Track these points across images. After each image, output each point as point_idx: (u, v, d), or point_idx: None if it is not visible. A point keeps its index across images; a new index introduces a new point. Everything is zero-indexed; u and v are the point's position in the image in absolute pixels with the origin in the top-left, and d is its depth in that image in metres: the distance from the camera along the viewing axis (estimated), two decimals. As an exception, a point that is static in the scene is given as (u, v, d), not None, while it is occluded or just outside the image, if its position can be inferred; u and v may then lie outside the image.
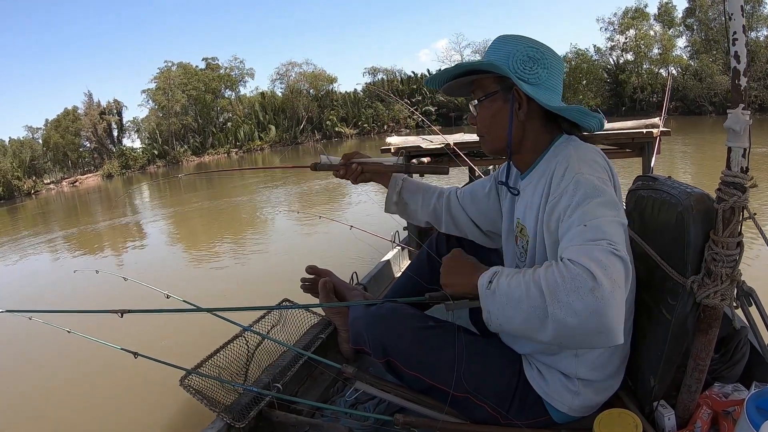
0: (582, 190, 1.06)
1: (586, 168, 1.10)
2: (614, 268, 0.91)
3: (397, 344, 1.46)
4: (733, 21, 0.98)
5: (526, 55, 1.21)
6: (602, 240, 0.96)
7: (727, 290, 1.10)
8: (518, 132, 1.26)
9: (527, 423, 1.34)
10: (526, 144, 1.28)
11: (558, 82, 1.24)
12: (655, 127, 3.12)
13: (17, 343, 4.87)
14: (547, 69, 1.22)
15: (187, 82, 39.97)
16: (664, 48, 33.55)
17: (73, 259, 9.11)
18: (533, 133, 1.26)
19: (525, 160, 1.31)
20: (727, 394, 1.28)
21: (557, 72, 1.24)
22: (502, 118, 1.26)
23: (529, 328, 0.98)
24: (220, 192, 17.07)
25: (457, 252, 1.24)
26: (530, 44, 1.22)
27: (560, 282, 0.92)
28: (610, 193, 1.06)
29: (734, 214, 1.05)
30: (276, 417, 1.65)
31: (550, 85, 1.22)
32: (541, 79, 1.21)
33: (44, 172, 37.19)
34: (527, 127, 1.26)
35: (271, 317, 2.06)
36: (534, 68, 1.21)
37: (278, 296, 2.19)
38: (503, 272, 1.05)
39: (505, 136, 1.26)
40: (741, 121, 1.00)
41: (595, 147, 1.22)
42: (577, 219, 1.02)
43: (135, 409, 3.42)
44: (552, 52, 1.23)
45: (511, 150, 1.29)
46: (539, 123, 1.25)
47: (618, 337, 0.91)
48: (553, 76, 1.23)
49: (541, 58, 1.21)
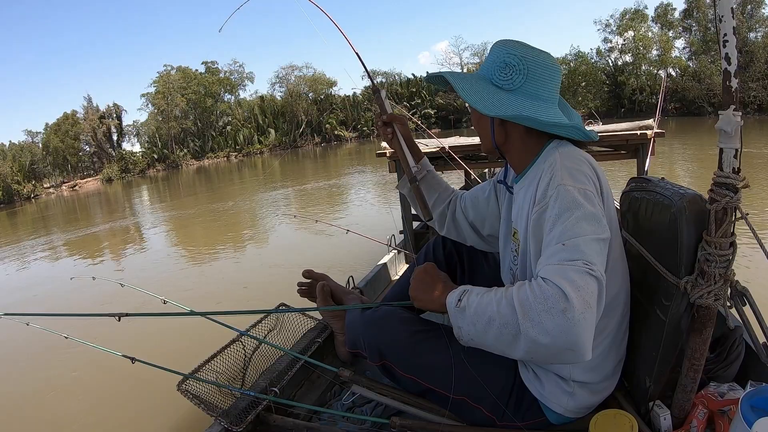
0: (563, 202, 1.06)
1: (568, 179, 1.09)
2: (588, 289, 0.93)
3: (392, 347, 1.46)
4: (723, 23, 0.98)
5: (503, 61, 1.23)
6: (578, 260, 0.97)
7: (720, 290, 1.10)
8: (500, 135, 1.28)
9: (523, 425, 1.34)
10: (511, 147, 1.30)
11: (542, 87, 1.23)
12: (649, 129, 3.12)
13: (14, 350, 4.86)
14: (525, 75, 1.22)
15: (187, 85, 40.11)
16: (663, 49, 33.59)
17: (70, 266, 9.12)
18: (516, 137, 1.27)
19: (516, 162, 1.33)
20: (722, 393, 1.28)
21: (539, 77, 1.23)
22: (486, 122, 1.30)
23: (501, 344, 1.01)
24: (219, 195, 17.10)
25: (429, 266, 1.27)
26: (511, 50, 1.22)
27: (533, 301, 0.95)
28: (591, 206, 1.05)
29: (727, 214, 1.06)
30: (273, 421, 1.65)
31: (527, 91, 1.22)
32: (516, 85, 1.22)
33: (44, 176, 37.35)
34: (508, 131, 1.27)
35: (267, 322, 2.06)
36: (509, 74, 1.22)
37: (275, 301, 2.19)
38: (473, 290, 1.09)
39: (491, 139, 1.30)
40: (732, 123, 1.00)
41: (582, 153, 1.21)
42: (556, 237, 1.02)
43: (132, 414, 3.42)
44: (536, 58, 1.22)
45: (500, 151, 1.32)
46: (521, 128, 1.25)
47: (586, 354, 0.93)
48: (532, 82, 1.22)
49: (517, 64, 1.21)
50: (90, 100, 40.91)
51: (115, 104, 41.99)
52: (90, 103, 40.70)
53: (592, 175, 1.13)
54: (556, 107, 1.26)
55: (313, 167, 25.09)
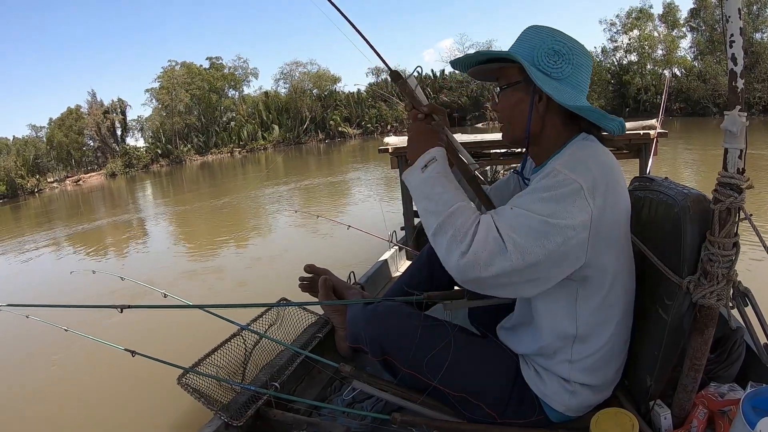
0: (544, 181, 1.09)
1: (565, 167, 1.08)
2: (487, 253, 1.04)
3: (394, 343, 1.46)
4: (730, 23, 0.98)
5: (552, 48, 1.17)
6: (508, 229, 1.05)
7: (723, 290, 1.09)
8: (537, 124, 1.22)
9: (524, 422, 1.34)
10: (544, 138, 1.24)
11: (584, 79, 1.21)
12: (652, 129, 3.10)
13: (14, 342, 4.86)
14: (573, 65, 1.18)
15: (191, 81, 40.11)
16: (668, 49, 33.45)
17: (72, 260, 9.09)
18: (552, 128, 1.22)
19: (541, 153, 1.27)
20: (723, 393, 1.28)
21: (584, 69, 1.20)
22: (523, 109, 1.22)
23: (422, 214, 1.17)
24: (222, 190, 17.12)
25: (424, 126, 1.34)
26: (558, 37, 1.18)
27: (458, 224, 1.08)
28: (565, 193, 1.05)
29: (730, 214, 1.05)
30: (273, 416, 1.65)
31: (574, 82, 1.19)
32: (565, 75, 1.18)
33: (48, 170, 37.39)
34: (546, 121, 1.22)
35: (268, 316, 2.06)
36: (558, 62, 1.17)
37: (276, 295, 2.19)
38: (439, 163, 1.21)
39: (524, 126, 1.23)
40: (738, 123, 1.00)
41: (601, 150, 1.17)
42: (517, 201, 1.11)
43: (132, 408, 3.42)
44: (581, 49, 1.19)
45: (528, 141, 1.26)
46: (559, 119, 1.21)
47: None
48: (579, 73, 1.19)
49: (567, 52, 1.17)
50: (94, 95, 40.97)
51: (119, 99, 41.97)
52: (94, 98, 40.76)
53: (597, 171, 1.09)
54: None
55: (316, 163, 25.10)
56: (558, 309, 1.21)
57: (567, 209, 1.04)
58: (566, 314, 1.21)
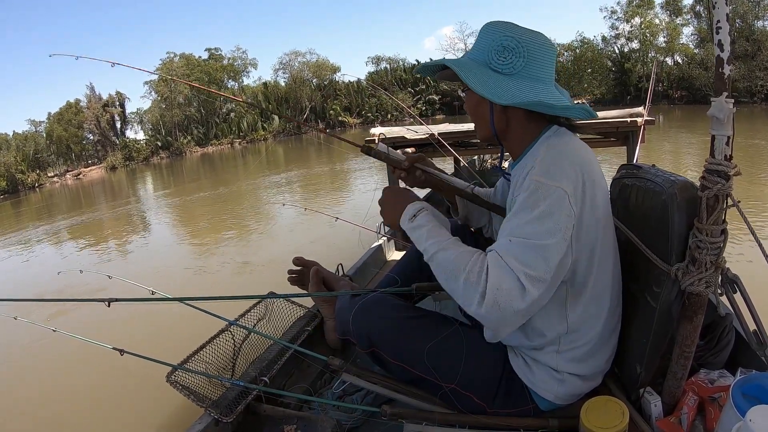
0: (527, 198, 1.08)
1: (543, 176, 1.08)
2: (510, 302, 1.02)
3: (382, 334, 1.45)
4: (716, 9, 0.97)
5: (500, 44, 1.16)
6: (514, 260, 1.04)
7: (711, 277, 1.09)
8: (501, 122, 1.23)
9: (513, 412, 1.34)
10: (511, 133, 1.25)
11: (542, 69, 1.19)
12: (639, 116, 3.08)
13: (1, 344, 4.79)
14: (525, 57, 1.16)
15: (190, 72, 39.93)
16: (670, 36, 33.19)
17: (59, 259, 9.06)
18: (517, 123, 1.23)
19: (514, 148, 1.28)
20: (713, 380, 1.27)
21: (540, 59, 1.18)
22: (484, 109, 1.24)
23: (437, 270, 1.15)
24: (215, 182, 17.13)
25: (397, 187, 1.36)
26: (508, 32, 1.17)
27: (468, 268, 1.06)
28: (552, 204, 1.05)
29: (718, 201, 1.04)
30: (264, 410, 1.65)
31: (530, 74, 1.17)
32: (517, 69, 1.17)
33: (48, 165, 37.36)
34: (510, 117, 1.22)
35: (257, 311, 2.05)
36: (508, 57, 1.16)
37: (264, 289, 2.17)
38: (428, 213, 1.24)
39: (489, 125, 1.25)
40: (725, 110, 0.99)
41: (573, 143, 1.17)
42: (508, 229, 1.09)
43: (122, 406, 3.42)
44: (534, 39, 1.17)
45: (498, 138, 1.27)
46: (521, 113, 1.21)
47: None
48: (533, 64, 1.17)
49: (515, 46, 1.16)
50: (93, 89, 40.79)
51: (118, 92, 41.78)
52: (93, 92, 40.61)
53: (574, 171, 1.09)
54: (554, 88, 1.22)
55: (316, 154, 25.02)
56: (549, 309, 1.19)
57: (557, 220, 1.05)
58: (557, 314, 1.21)
